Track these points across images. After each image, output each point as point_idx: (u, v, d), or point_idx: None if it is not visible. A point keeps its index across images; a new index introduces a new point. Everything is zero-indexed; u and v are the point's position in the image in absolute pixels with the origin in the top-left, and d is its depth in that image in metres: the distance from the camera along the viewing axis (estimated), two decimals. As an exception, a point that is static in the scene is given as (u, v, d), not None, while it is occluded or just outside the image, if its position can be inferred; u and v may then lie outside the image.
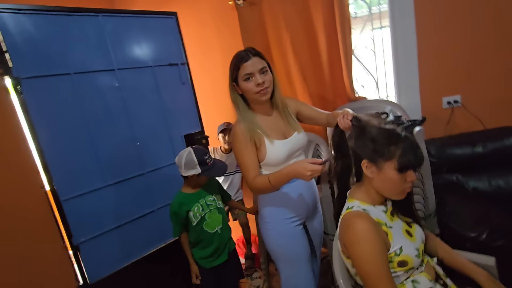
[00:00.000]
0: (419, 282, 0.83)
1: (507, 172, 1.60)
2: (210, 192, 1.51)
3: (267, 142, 1.08)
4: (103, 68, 1.58)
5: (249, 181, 1.08)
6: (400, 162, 0.81)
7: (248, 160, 1.08)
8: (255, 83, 1.05)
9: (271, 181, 1.03)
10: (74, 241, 1.47)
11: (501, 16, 1.64)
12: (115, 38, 1.62)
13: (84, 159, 1.51)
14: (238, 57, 1.08)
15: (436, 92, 1.80)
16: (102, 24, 1.58)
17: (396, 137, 0.83)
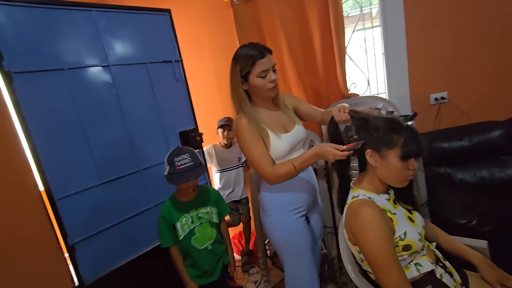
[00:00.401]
0: (422, 265, 0.87)
1: (490, 164, 1.71)
2: (205, 204, 1.38)
3: (272, 136, 1.10)
4: (97, 63, 1.54)
5: (268, 171, 1.07)
6: (403, 151, 0.85)
7: (261, 152, 1.08)
8: (269, 80, 1.06)
9: (296, 166, 1.05)
10: (70, 241, 1.43)
11: (485, 18, 1.75)
12: (109, 34, 1.59)
13: (78, 157, 1.47)
14: (252, 52, 1.05)
15: (424, 89, 1.89)
16: (96, 19, 1.54)
17: (398, 126, 0.87)
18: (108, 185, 1.57)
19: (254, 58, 1.04)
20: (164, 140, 1.83)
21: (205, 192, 1.42)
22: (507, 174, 1.67)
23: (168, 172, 1.28)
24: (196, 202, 1.37)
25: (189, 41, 2.12)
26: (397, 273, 0.79)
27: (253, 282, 1.95)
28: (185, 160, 1.27)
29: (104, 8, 1.58)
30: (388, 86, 1.98)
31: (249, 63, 1.05)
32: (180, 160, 1.26)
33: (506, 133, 1.69)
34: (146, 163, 1.73)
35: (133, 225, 1.67)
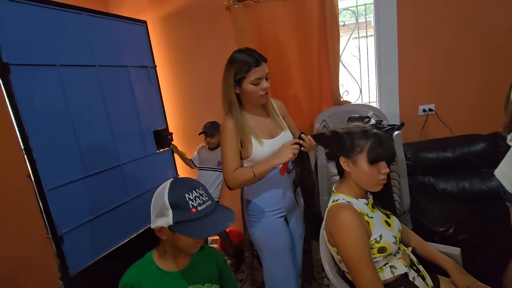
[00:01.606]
0: (396, 267, 0.92)
1: (471, 175, 1.77)
2: (202, 280, 0.87)
3: (254, 141, 1.13)
4: (85, 63, 1.66)
5: (229, 174, 1.10)
6: (369, 155, 0.91)
7: (232, 156, 1.11)
8: (261, 88, 1.10)
9: (257, 174, 1.08)
10: (59, 232, 1.46)
11: (474, 35, 1.82)
12: (96, 36, 1.72)
13: (67, 149, 1.54)
14: (248, 59, 1.07)
15: (413, 100, 1.95)
16: (85, 22, 1.67)
17: (364, 133, 0.93)
18: (93, 178, 1.65)
19: (250, 65, 1.06)
20: (141, 137, 2.00)
21: (204, 255, 0.92)
22: (488, 186, 1.74)
23: (176, 219, 0.76)
24: (189, 273, 0.86)
25: (163, 48, 2.24)
26: (370, 274, 0.84)
27: (239, 280, 1.98)
28: (203, 198, 0.81)
29: (92, 13, 1.71)
30: (379, 95, 2.04)
31: (244, 69, 1.07)
32: (196, 198, 0.79)
33: (488, 146, 1.76)
34: (125, 158, 1.86)
35: (113, 216, 1.76)
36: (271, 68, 1.97)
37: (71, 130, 1.55)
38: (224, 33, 2.06)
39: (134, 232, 1.89)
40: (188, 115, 2.29)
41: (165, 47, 2.21)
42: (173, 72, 2.25)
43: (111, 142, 1.77)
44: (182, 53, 2.20)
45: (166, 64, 2.24)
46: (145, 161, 2.01)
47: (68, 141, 1.54)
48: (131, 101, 1.94)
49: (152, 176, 2.06)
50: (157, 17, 2.17)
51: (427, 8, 1.83)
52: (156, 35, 2.20)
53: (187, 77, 2.23)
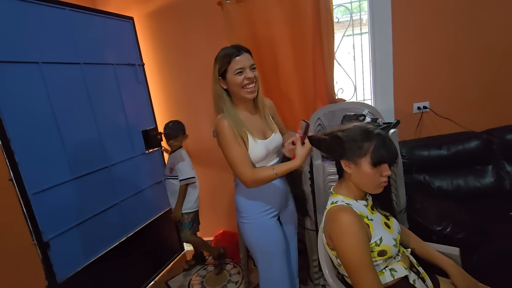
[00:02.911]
0: (396, 270, 0.90)
1: (466, 173, 1.78)
2: None
3: (251, 140, 1.09)
4: (69, 60, 1.59)
5: (246, 174, 1.05)
6: (373, 157, 0.87)
7: (242, 154, 1.06)
8: (245, 77, 1.07)
9: (278, 174, 1.05)
10: (44, 238, 1.40)
11: (467, 32, 1.82)
12: (80, 33, 1.66)
13: (52, 151, 1.48)
14: (229, 51, 1.08)
15: (408, 97, 1.94)
16: (68, 18, 1.60)
17: (368, 134, 0.90)
18: (80, 180, 1.60)
19: (231, 55, 1.06)
20: (129, 138, 1.94)
21: None
22: (482, 184, 1.74)
23: None
24: None
25: (152, 46, 2.17)
26: (371, 278, 0.81)
27: (234, 282, 1.94)
28: None
29: (76, 8, 1.64)
30: (374, 93, 2.02)
31: (226, 60, 1.07)
32: None
33: (482, 144, 1.76)
34: (114, 159, 1.81)
35: (102, 220, 1.71)
36: (265, 65, 1.96)
37: (56, 131, 1.49)
38: (216, 29, 2.01)
39: (124, 235, 1.84)
40: (179, 114, 2.22)
41: (154, 44, 2.14)
42: (162, 70, 2.18)
43: (98, 142, 1.72)
44: (172, 51, 2.13)
45: (154, 61, 2.17)
46: (134, 161, 1.96)
47: (53, 143, 1.48)
48: (118, 100, 1.88)
49: (141, 177, 2.01)
50: (144, 13, 2.10)
51: (422, 5, 1.81)
52: (144, 32, 2.12)
53: (177, 75, 2.17)
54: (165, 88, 2.21)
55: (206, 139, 2.21)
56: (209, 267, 2.15)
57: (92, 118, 1.68)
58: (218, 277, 2.02)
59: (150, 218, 2.06)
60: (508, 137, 1.74)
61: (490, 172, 1.75)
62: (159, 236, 2.16)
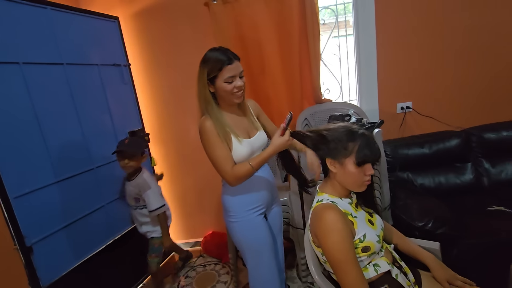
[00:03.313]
0: (380, 265, 0.93)
1: (446, 170, 1.85)
2: None
3: (234, 140, 1.11)
4: (51, 61, 1.55)
5: (228, 172, 1.08)
6: (357, 157, 0.90)
7: (224, 153, 1.09)
8: (234, 86, 1.08)
9: (253, 166, 1.07)
10: (27, 242, 1.36)
11: (447, 34, 1.89)
12: (63, 33, 1.62)
13: (35, 154, 1.44)
14: (220, 57, 1.07)
15: (392, 98, 2.00)
16: (50, 17, 1.56)
17: (352, 135, 0.92)
18: (64, 183, 1.56)
19: (222, 63, 1.06)
20: (115, 139, 1.89)
21: None
22: (462, 180, 1.81)
23: None
24: None
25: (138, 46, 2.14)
26: (355, 273, 0.83)
27: (223, 282, 1.94)
28: None
29: (58, 7, 1.60)
30: (359, 93, 2.07)
31: (217, 67, 1.06)
32: None
33: (462, 142, 1.83)
34: (99, 161, 1.78)
35: (87, 223, 1.68)
36: (252, 66, 1.97)
37: (38, 133, 1.45)
38: (203, 30, 2.01)
39: (111, 238, 1.81)
40: (166, 115, 2.21)
41: (140, 44, 2.12)
42: (149, 71, 2.16)
43: (83, 144, 1.68)
44: (158, 51, 2.11)
45: (141, 62, 2.15)
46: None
47: (35, 145, 1.44)
48: (104, 101, 1.84)
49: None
50: (130, 13, 2.07)
51: (405, 8, 1.87)
52: (130, 32, 2.09)
53: (164, 76, 2.15)
54: (152, 88, 2.19)
55: (195, 140, 2.18)
56: (198, 268, 2.15)
57: (76, 119, 1.65)
58: (207, 278, 2.01)
59: (138, 220, 2.03)
60: (485, 135, 1.82)
61: (469, 169, 1.83)
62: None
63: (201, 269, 2.13)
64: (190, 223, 2.40)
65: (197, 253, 2.32)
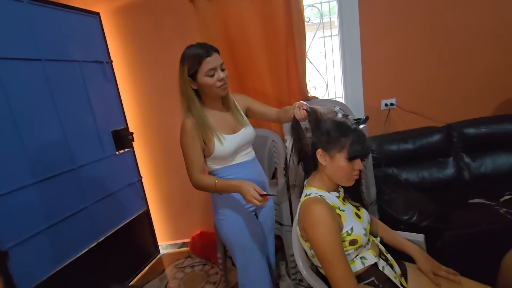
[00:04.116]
0: (367, 258, 0.93)
1: (429, 165, 1.89)
2: None
3: (216, 141, 1.10)
4: (28, 57, 1.49)
5: (194, 177, 1.11)
6: (349, 152, 0.90)
7: (194, 156, 1.10)
8: (217, 79, 1.07)
9: (218, 186, 1.08)
10: (2, 247, 1.29)
11: (428, 32, 1.94)
12: (41, 28, 1.56)
13: (10, 153, 1.37)
14: (198, 51, 1.05)
15: (376, 94, 2.03)
16: (27, 11, 1.50)
17: (346, 129, 0.93)
18: (43, 184, 1.50)
19: (201, 56, 1.04)
20: (97, 138, 1.86)
21: None
22: (444, 175, 1.87)
23: None
24: None
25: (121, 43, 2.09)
26: (343, 266, 0.84)
27: (212, 283, 1.92)
28: None
29: (36, 1, 1.54)
30: (345, 90, 2.09)
31: (196, 61, 1.05)
32: None
33: (443, 138, 1.88)
34: (81, 161, 1.72)
35: (69, 225, 1.62)
36: (239, 64, 1.96)
37: (15, 132, 1.38)
38: (189, 26, 1.97)
39: (94, 241, 1.75)
40: (150, 113, 2.16)
41: (122, 41, 2.06)
42: (132, 68, 2.10)
43: (64, 143, 1.62)
44: (142, 48, 2.06)
45: (123, 59, 2.09)
46: (103, 163, 1.87)
47: (11, 144, 1.37)
48: (85, 99, 1.78)
49: (112, 179, 1.92)
50: (111, 8, 2.01)
51: (387, 7, 1.91)
52: (111, 28, 2.03)
53: (148, 73, 2.10)
54: (136, 86, 2.14)
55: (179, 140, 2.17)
56: (186, 269, 2.11)
57: (56, 118, 1.59)
58: (195, 279, 1.98)
59: (123, 221, 1.98)
60: (466, 130, 1.88)
61: (451, 164, 1.88)
62: (133, 239, 2.08)
63: (190, 270, 2.09)
64: (177, 224, 2.35)
65: (185, 254, 2.28)
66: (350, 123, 0.95)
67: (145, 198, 2.21)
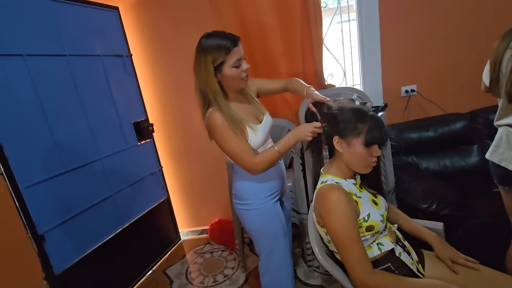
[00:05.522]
0: (383, 244, 0.94)
1: (451, 153, 1.83)
2: None
3: (249, 130, 1.08)
4: (54, 53, 1.56)
5: (253, 162, 1.06)
6: (366, 138, 0.90)
7: (242, 144, 1.05)
8: (242, 70, 1.04)
9: (280, 150, 1.07)
10: (39, 230, 1.41)
11: (452, 15, 1.84)
12: (64, 24, 1.62)
13: (42, 145, 1.47)
14: (225, 41, 1.00)
15: (396, 81, 1.97)
16: (51, 9, 1.56)
17: (363, 115, 0.92)
18: (72, 173, 1.60)
19: (228, 47, 1.00)
20: (120, 130, 1.94)
21: None
22: (467, 163, 1.80)
23: None
24: None
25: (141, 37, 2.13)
26: (359, 252, 0.85)
27: (231, 268, 1.99)
28: None
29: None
30: (363, 78, 2.04)
31: (223, 52, 1.00)
32: None
33: (467, 125, 1.81)
34: (105, 152, 1.81)
35: (96, 212, 1.72)
36: (255, 53, 1.96)
37: (45, 124, 1.48)
38: (204, 18, 1.99)
39: (120, 227, 1.86)
40: (169, 105, 2.22)
41: (141, 34, 2.11)
42: (151, 61, 2.16)
43: (89, 135, 1.71)
44: (160, 41, 2.10)
45: (142, 52, 2.14)
46: (126, 153, 1.95)
47: (42, 136, 1.47)
48: (108, 92, 1.86)
49: (134, 169, 2.01)
50: (130, 3, 2.05)
51: (408, -12, 1.83)
52: (130, 22, 2.08)
53: (166, 66, 2.15)
54: (155, 79, 2.19)
55: (198, 130, 2.21)
56: (205, 254, 2.19)
57: (82, 110, 1.67)
58: (214, 264, 2.06)
59: (146, 208, 2.08)
60: (491, 116, 1.77)
61: (475, 152, 1.81)
62: (155, 226, 2.18)
63: (209, 255, 2.18)
64: (197, 212, 2.44)
65: (204, 241, 2.36)
66: (367, 109, 0.94)
67: (166, 187, 2.30)
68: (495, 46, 1.05)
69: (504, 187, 1.14)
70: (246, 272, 1.92)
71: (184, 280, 1.94)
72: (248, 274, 1.90)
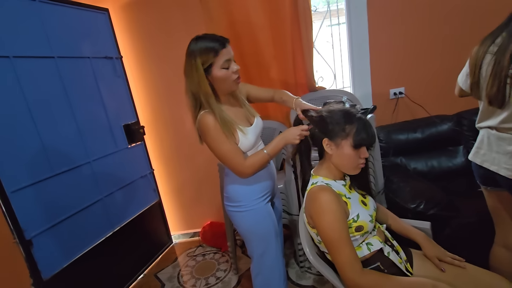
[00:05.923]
0: (372, 244, 0.96)
1: (439, 154, 1.88)
2: None
3: (239, 133, 1.09)
4: (42, 54, 1.54)
5: (244, 165, 1.08)
6: (354, 140, 0.92)
7: (232, 148, 1.06)
8: (232, 71, 1.05)
9: (270, 154, 1.09)
10: (27, 235, 1.38)
11: (439, 19, 1.89)
12: (52, 26, 1.60)
13: (30, 148, 1.45)
14: (213, 43, 1.00)
15: (385, 84, 2.01)
16: (39, 10, 1.54)
17: (351, 118, 0.94)
18: (61, 176, 1.58)
19: (216, 49, 1.01)
20: (110, 132, 1.92)
21: None
22: (454, 163, 1.85)
23: None
24: None
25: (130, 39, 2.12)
26: (348, 252, 0.86)
27: (223, 270, 1.98)
28: None
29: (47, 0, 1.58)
30: (353, 80, 2.08)
31: (211, 54, 1.00)
32: None
33: (454, 126, 1.86)
34: (95, 155, 1.79)
35: (86, 216, 1.70)
36: (245, 55, 1.97)
37: (33, 127, 1.45)
38: (195, 20, 1.99)
39: (110, 231, 1.84)
40: (160, 107, 2.21)
41: (131, 36, 2.10)
42: (141, 63, 2.14)
43: (78, 138, 1.69)
44: (150, 43, 2.09)
45: (133, 54, 2.13)
46: (116, 156, 1.94)
47: (30, 139, 1.44)
48: (97, 94, 1.84)
49: (125, 172, 1.99)
50: (119, 4, 2.04)
51: (395, -7, 1.87)
52: (120, 24, 2.07)
53: (157, 68, 2.14)
54: (146, 81, 2.18)
55: (190, 133, 2.21)
56: (197, 257, 2.18)
57: (70, 113, 1.65)
58: (206, 267, 2.05)
59: (137, 212, 2.06)
60: (476, 118, 1.84)
61: (461, 152, 1.86)
62: (146, 229, 2.16)
63: (201, 258, 2.17)
64: (189, 214, 2.42)
65: (196, 243, 2.35)
66: (355, 111, 0.96)
67: (157, 189, 2.28)
68: (475, 50, 1.08)
69: (486, 187, 1.18)
70: (239, 274, 1.91)
71: (176, 284, 1.93)
72: (240, 276, 1.90)
